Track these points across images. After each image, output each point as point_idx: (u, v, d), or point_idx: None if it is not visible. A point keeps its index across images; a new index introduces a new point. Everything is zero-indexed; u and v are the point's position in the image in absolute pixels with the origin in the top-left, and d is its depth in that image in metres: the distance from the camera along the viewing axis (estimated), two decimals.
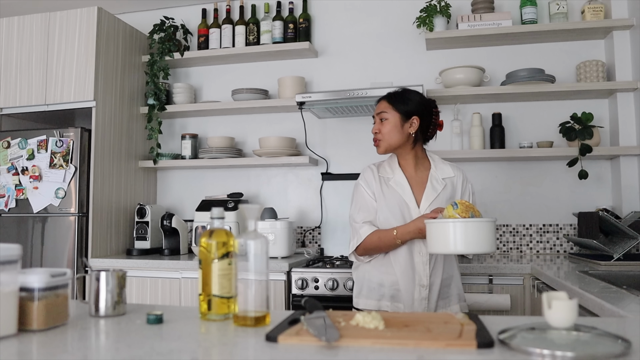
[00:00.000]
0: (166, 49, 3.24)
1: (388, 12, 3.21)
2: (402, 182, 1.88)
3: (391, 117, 1.88)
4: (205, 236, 1.12)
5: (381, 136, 1.88)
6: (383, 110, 1.89)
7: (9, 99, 3.02)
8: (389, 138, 1.88)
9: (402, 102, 1.89)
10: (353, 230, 1.89)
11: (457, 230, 1.50)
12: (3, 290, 0.94)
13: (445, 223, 1.53)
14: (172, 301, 2.68)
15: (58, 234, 2.85)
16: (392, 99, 1.90)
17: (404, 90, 1.96)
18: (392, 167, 1.94)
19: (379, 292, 1.85)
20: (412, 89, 1.98)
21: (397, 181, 1.89)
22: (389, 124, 1.87)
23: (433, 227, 1.56)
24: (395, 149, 1.91)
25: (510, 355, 0.80)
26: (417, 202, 1.85)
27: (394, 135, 1.88)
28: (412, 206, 1.84)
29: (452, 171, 1.94)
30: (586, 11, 2.84)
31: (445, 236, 1.52)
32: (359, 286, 1.92)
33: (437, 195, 1.86)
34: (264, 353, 0.86)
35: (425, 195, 1.86)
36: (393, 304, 1.84)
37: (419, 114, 1.89)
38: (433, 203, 1.83)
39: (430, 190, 1.87)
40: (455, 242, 1.50)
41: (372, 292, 1.87)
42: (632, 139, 2.78)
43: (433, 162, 1.96)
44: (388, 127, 1.87)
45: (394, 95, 1.92)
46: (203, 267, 1.12)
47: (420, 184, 1.89)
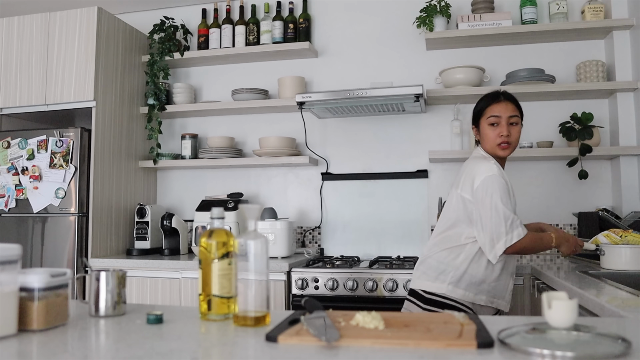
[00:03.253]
0: (166, 49, 3.24)
1: (388, 12, 3.21)
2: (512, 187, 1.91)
3: (520, 123, 1.93)
4: (205, 236, 1.12)
5: (512, 140, 1.90)
6: (515, 113, 1.91)
7: (9, 99, 3.02)
8: (516, 144, 1.93)
9: (521, 109, 1.94)
10: (506, 223, 1.74)
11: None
12: (3, 290, 0.94)
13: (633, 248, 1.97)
14: (172, 301, 2.68)
15: (58, 234, 2.85)
16: (517, 103, 1.93)
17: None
18: (500, 170, 1.90)
19: (479, 288, 1.82)
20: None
21: (510, 184, 1.91)
22: (518, 130, 1.92)
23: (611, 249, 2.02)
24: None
25: (510, 355, 0.80)
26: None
27: (518, 142, 1.95)
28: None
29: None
30: (586, 11, 2.84)
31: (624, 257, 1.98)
32: (457, 276, 1.82)
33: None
34: (264, 353, 0.86)
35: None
36: (489, 299, 1.84)
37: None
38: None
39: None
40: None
41: (471, 286, 1.82)
42: (632, 139, 2.78)
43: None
44: (518, 133, 1.91)
45: (516, 99, 1.95)
46: (203, 267, 1.12)
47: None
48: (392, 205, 3.08)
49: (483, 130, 1.94)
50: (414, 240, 3.04)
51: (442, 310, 1.79)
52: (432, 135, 3.08)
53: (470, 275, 1.82)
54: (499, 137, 1.88)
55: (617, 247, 2.01)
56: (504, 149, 1.89)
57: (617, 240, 2.10)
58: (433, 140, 3.08)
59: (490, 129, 1.91)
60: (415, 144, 3.10)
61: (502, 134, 1.88)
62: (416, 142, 3.10)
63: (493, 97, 1.95)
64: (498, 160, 1.93)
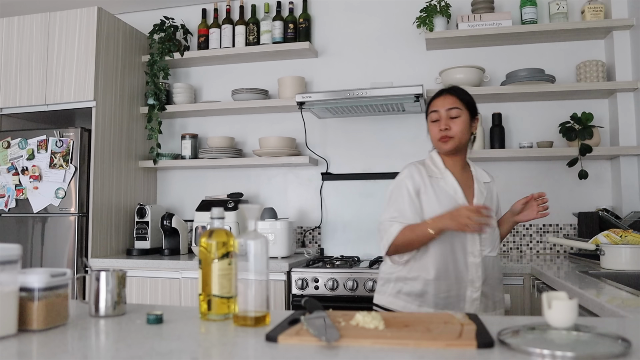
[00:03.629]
0: (166, 49, 3.24)
1: (388, 12, 3.21)
2: (453, 185, 1.81)
3: (463, 115, 1.80)
4: (205, 236, 1.12)
5: (453, 133, 1.78)
6: (455, 105, 1.80)
7: (9, 99, 3.02)
8: (461, 137, 1.80)
9: (470, 100, 1.84)
10: (382, 231, 1.77)
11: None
12: (3, 290, 0.93)
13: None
14: (172, 301, 2.68)
15: (58, 234, 2.85)
16: (461, 95, 1.83)
17: (461, 87, 1.91)
18: (439, 168, 1.85)
19: (422, 299, 1.74)
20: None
21: (449, 183, 1.81)
22: (461, 122, 1.79)
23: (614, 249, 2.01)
24: (460, 149, 1.83)
25: (510, 355, 0.80)
26: (468, 203, 1.80)
27: (465, 134, 1.81)
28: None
29: (488, 176, 1.93)
30: (586, 11, 2.84)
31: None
32: (397, 287, 1.80)
33: (484, 196, 1.84)
34: (264, 353, 0.86)
35: (476, 196, 1.82)
36: (438, 310, 1.72)
37: (477, 112, 1.88)
38: (484, 204, 1.79)
39: (478, 193, 1.83)
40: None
41: (412, 297, 1.76)
42: (632, 139, 2.78)
43: (472, 166, 1.92)
44: (461, 126, 1.79)
45: (461, 91, 1.85)
46: (203, 267, 1.12)
47: (467, 186, 1.84)
48: None
49: (428, 126, 1.86)
50: None
51: None
52: None
53: (408, 285, 1.77)
54: (438, 132, 1.80)
55: (617, 247, 2.01)
56: (444, 142, 1.79)
57: (617, 240, 2.10)
58: None
59: (432, 126, 1.83)
60: (415, 144, 3.10)
61: (440, 128, 1.79)
62: (416, 142, 3.10)
63: (436, 94, 1.88)
64: (451, 157, 1.84)
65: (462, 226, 1.61)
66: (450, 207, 1.72)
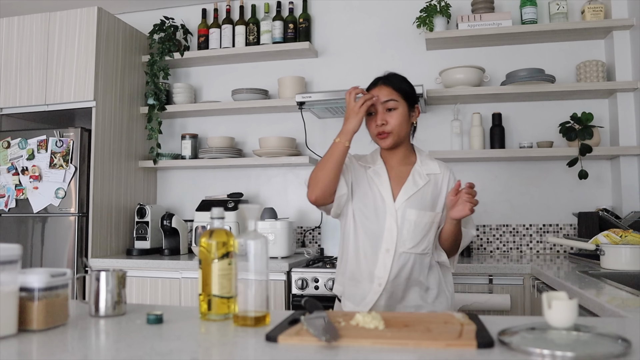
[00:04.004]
0: (166, 49, 3.24)
1: (388, 12, 3.21)
2: (380, 173, 1.71)
3: (400, 107, 1.67)
4: (205, 236, 1.12)
5: (390, 128, 1.65)
6: (390, 97, 1.66)
7: (9, 99, 3.02)
8: (400, 130, 1.67)
9: (407, 88, 1.70)
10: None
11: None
12: (3, 290, 0.93)
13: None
14: (172, 301, 2.68)
15: (58, 234, 2.85)
16: (397, 84, 1.69)
17: (398, 74, 1.76)
18: (374, 157, 1.77)
19: (344, 299, 1.72)
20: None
21: (376, 171, 1.72)
22: (399, 114, 1.66)
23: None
24: (400, 143, 1.71)
25: (510, 355, 0.80)
26: (393, 195, 1.68)
27: (404, 127, 1.68)
28: (387, 199, 1.67)
29: (439, 168, 1.75)
30: (586, 11, 2.84)
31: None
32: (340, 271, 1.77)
33: (418, 190, 1.68)
34: (264, 353, 0.86)
35: (403, 189, 1.68)
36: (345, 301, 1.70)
37: (417, 101, 1.75)
38: (412, 198, 1.66)
39: (410, 184, 1.69)
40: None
41: (344, 282, 1.73)
42: (632, 139, 2.78)
43: (420, 157, 1.78)
44: (399, 119, 1.66)
45: (397, 80, 1.71)
46: (203, 267, 1.12)
47: (400, 177, 1.72)
48: None
49: (365, 122, 1.71)
50: None
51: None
52: (432, 135, 3.08)
53: (342, 268, 1.75)
54: (375, 128, 1.67)
55: (617, 247, 2.01)
56: (382, 139, 1.67)
57: (617, 240, 2.10)
58: (433, 140, 3.07)
59: (368, 120, 1.70)
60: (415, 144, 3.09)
61: (376, 122, 1.66)
62: (416, 142, 3.07)
63: (370, 84, 1.74)
64: (389, 153, 1.73)
65: (354, 111, 1.59)
66: (372, 196, 1.67)
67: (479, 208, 3.05)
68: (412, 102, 1.71)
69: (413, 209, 1.65)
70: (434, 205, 1.70)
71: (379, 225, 1.66)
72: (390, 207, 1.66)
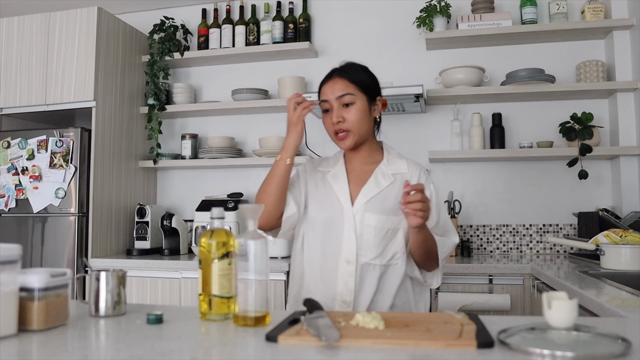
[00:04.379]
0: (166, 49, 3.24)
1: (388, 12, 3.21)
2: (339, 175, 1.56)
3: (358, 101, 1.50)
4: (206, 236, 1.12)
5: (349, 126, 1.49)
6: (346, 91, 1.49)
7: (9, 99, 3.02)
8: (360, 128, 1.50)
9: (367, 80, 1.54)
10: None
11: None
12: (3, 290, 0.93)
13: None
14: (172, 301, 2.68)
15: (58, 234, 2.85)
16: (352, 76, 1.52)
17: (356, 63, 1.59)
18: (336, 159, 1.62)
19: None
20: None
21: (335, 174, 1.56)
22: (357, 110, 1.49)
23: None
24: (364, 141, 1.55)
25: (510, 355, 0.80)
26: (352, 198, 1.52)
27: (364, 123, 1.51)
28: (344, 203, 1.51)
29: (407, 167, 1.58)
30: (586, 11, 2.84)
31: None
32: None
33: (380, 191, 1.51)
34: (264, 353, 0.86)
35: (363, 191, 1.51)
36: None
37: (380, 93, 1.57)
38: (372, 201, 1.50)
39: (371, 185, 1.52)
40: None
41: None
42: (632, 139, 2.78)
43: (387, 155, 1.60)
44: (357, 114, 1.49)
45: (353, 70, 1.54)
46: (203, 267, 1.12)
47: (362, 178, 1.55)
48: None
49: (322, 119, 1.58)
50: None
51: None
52: (432, 135, 3.08)
53: (294, 293, 1.61)
54: (331, 126, 1.51)
55: (617, 247, 2.01)
56: (341, 139, 1.50)
57: (617, 240, 2.10)
58: (433, 140, 3.08)
59: (325, 117, 1.54)
60: (415, 144, 3.10)
61: (332, 120, 1.50)
62: (416, 142, 3.10)
63: (325, 77, 1.58)
64: (352, 153, 1.58)
65: (292, 122, 1.47)
66: (329, 200, 1.51)
67: (479, 208, 3.07)
68: (372, 95, 1.54)
69: (373, 213, 1.48)
70: (398, 210, 1.43)
71: (336, 233, 1.49)
72: (347, 212, 1.49)
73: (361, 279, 1.46)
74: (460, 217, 3.00)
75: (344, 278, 1.46)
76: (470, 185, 3.04)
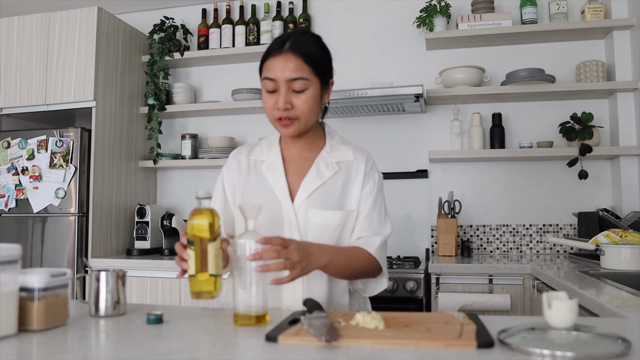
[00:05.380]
0: (166, 49, 3.24)
1: (388, 12, 3.21)
2: (275, 166, 1.36)
3: (312, 87, 1.28)
4: (197, 217, 1.07)
5: (298, 114, 1.28)
6: (299, 75, 1.25)
7: (9, 99, 3.02)
8: (309, 117, 1.30)
9: (323, 59, 1.31)
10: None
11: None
12: (3, 290, 0.93)
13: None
14: (172, 301, 2.68)
15: (58, 234, 2.85)
16: (309, 56, 1.27)
17: (310, 33, 1.34)
18: (270, 145, 1.41)
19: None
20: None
21: (270, 165, 1.36)
22: (309, 97, 1.27)
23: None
24: (309, 129, 1.35)
25: (510, 355, 0.80)
26: (291, 193, 1.33)
27: (314, 112, 1.31)
28: (283, 199, 1.32)
29: (353, 154, 1.41)
30: (586, 11, 2.84)
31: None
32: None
33: (323, 183, 1.33)
34: (264, 353, 0.86)
35: (304, 184, 1.33)
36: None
37: (332, 74, 1.35)
38: (315, 195, 1.32)
39: (313, 177, 1.34)
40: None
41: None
42: (632, 139, 2.78)
43: (330, 141, 1.41)
44: (309, 103, 1.28)
45: (310, 46, 1.28)
46: (196, 248, 1.07)
47: (302, 168, 1.36)
48: (392, 206, 3.05)
49: (262, 95, 1.34)
50: (414, 240, 3.04)
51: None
52: (432, 135, 3.08)
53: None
54: (275, 110, 1.28)
55: (617, 247, 2.01)
56: (284, 126, 1.29)
57: (617, 240, 2.10)
58: (433, 140, 3.08)
59: (268, 97, 1.30)
60: (415, 144, 3.10)
61: (278, 105, 1.27)
62: (416, 142, 3.10)
63: (275, 46, 1.29)
64: (290, 139, 1.37)
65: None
66: (265, 199, 1.30)
67: (479, 208, 3.07)
68: (325, 78, 1.32)
69: (317, 209, 1.31)
70: (343, 202, 1.35)
71: (276, 235, 1.21)
72: (287, 210, 1.31)
73: (310, 287, 1.30)
74: (460, 217, 3.00)
75: (290, 287, 1.28)
76: (470, 185, 3.04)
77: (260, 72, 1.34)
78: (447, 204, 2.90)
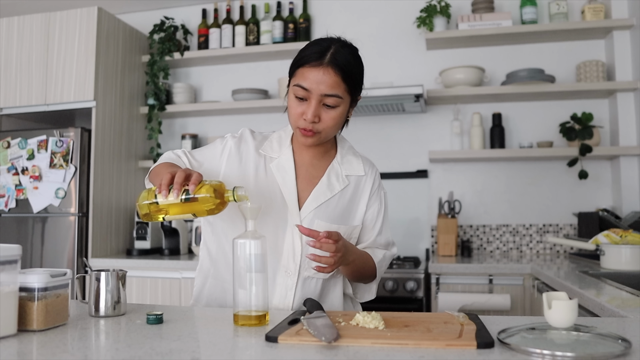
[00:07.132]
0: (166, 49, 3.24)
1: (388, 12, 3.21)
2: (286, 168, 1.32)
3: (342, 105, 1.26)
4: (230, 195, 1.12)
5: (323, 128, 1.25)
6: (335, 92, 1.21)
7: (9, 99, 3.02)
8: (332, 131, 1.29)
9: (358, 78, 1.28)
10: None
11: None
12: (3, 290, 0.93)
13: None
14: (172, 301, 2.68)
15: (58, 234, 2.85)
16: (347, 74, 1.23)
17: (350, 46, 1.29)
18: (282, 143, 1.37)
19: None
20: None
21: (281, 165, 1.32)
22: (338, 115, 1.26)
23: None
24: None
25: (510, 355, 0.80)
26: (299, 201, 1.31)
27: (339, 127, 1.31)
28: (291, 205, 1.29)
29: (363, 168, 1.39)
30: (586, 11, 2.84)
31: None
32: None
33: (332, 196, 1.32)
34: (264, 353, 0.86)
35: (314, 194, 1.31)
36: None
37: (360, 91, 1.33)
38: (322, 206, 1.30)
39: (323, 188, 1.32)
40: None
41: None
42: (632, 139, 2.78)
43: (340, 150, 1.40)
44: (336, 120, 1.26)
45: (349, 64, 1.24)
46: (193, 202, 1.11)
47: (312, 176, 1.34)
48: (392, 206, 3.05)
49: (289, 97, 1.29)
50: (414, 240, 3.04)
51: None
52: (432, 135, 3.08)
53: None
54: (301, 119, 1.24)
55: (617, 247, 2.01)
56: (305, 136, 1.26)
57: (617, 240, 2.10)
58: (433, 140, 3.08)
59: (295, 104, 1.26)
60: (415, 144, 3.10)
61: (305, 115, 1.23)
62: (416, 142, 3.10)
63: (314, 55, 1.22)
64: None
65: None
66: (273, 201, 1.28)
67: (479, 208, 3.07)
68: (355, 96, 1.31)
69: (323, 221, 1.29)
70: (348, 216, 1.34)
71: (276, 239, 1.28)
72: (293, 215, 1.28)
73: (302, 294, 1.29)
74: (460, 217, 3.00)
75: (282, 291, 1.28)
76: (470, 185, 3.04)
77: (291, 73, 1.28)
78: (447, 204, 2.90)
